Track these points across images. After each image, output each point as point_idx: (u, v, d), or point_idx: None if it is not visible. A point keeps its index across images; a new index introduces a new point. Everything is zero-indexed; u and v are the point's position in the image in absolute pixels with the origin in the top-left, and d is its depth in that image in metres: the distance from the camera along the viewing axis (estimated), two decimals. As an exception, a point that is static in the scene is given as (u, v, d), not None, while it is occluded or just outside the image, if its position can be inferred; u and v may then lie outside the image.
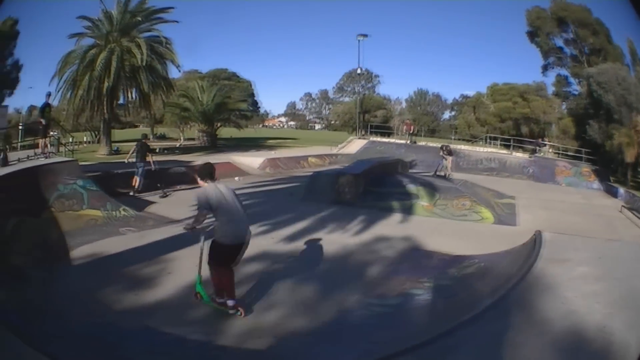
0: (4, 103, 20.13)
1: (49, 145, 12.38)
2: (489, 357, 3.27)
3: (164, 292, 6.00)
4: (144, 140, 13.88)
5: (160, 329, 4.98)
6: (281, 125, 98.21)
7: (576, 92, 34.89)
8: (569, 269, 4.31)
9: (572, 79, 35.53)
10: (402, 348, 3.77)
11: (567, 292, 3.84)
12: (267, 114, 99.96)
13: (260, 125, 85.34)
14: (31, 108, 67.30)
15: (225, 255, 5.17)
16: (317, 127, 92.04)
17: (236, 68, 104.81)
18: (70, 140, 16.64)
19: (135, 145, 13.64)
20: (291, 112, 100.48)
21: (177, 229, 8.93)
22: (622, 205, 14.19)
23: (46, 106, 12.41)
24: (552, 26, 32.73)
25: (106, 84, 23.18)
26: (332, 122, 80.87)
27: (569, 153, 26.98)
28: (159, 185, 13.55)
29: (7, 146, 15.97)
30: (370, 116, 59.13)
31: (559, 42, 34.03)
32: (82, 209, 9.21)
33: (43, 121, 12.19)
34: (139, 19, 25.27)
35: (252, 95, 71.73)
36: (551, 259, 4.57)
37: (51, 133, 13.07)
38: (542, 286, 4.04)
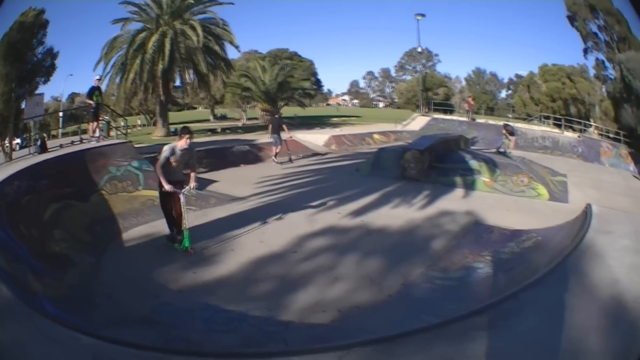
0: (40, 91, 20.46)
1: (98, 130, 12.09)
2: (549, 318, 3.38)
3: (225, 269, 5.88)
4: (277, 116, 17.09)
5: (220, 307, 4.84)
6: (345, 104, 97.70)
7: (612, 77, 33.99)
8: (613, 240, 4.46)
9: (607, 64, 34.47)
10: (467, 311, 3.74)
11: (611, 261, 4.01)
12: (330, 92, 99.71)
13: (325, 104, 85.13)
14: (73, 95, 69.01)
15: None
16: (381, 105, 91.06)
17: (295, 47, 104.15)
18: (122, 123, 16.80)
19: (270, 122, 16.43)
20: (354, 90, 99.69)
21: (240, 206, 9.13)
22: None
23: (95, 89, 11.91)
24: (586, 12, 31.93)
25: (160, 66, 23.29)
26: (396, 100, 79.89)
27: (610, 135, 26.74)
28: (289, 152, 15.70)
29: (45, 134, 16.28)
30: (432, 94, 58.51)
31: (594, 28, 32.95)
32: (138, 189, 8.93)
33: (93, 103, 11.76)
34: (191, 1, 25.20)
35: (314, 74, 71.68)
36: (598, 230, 4.72)
37: (100, 118, 12.65)
38: (592, 255, 4.20)
